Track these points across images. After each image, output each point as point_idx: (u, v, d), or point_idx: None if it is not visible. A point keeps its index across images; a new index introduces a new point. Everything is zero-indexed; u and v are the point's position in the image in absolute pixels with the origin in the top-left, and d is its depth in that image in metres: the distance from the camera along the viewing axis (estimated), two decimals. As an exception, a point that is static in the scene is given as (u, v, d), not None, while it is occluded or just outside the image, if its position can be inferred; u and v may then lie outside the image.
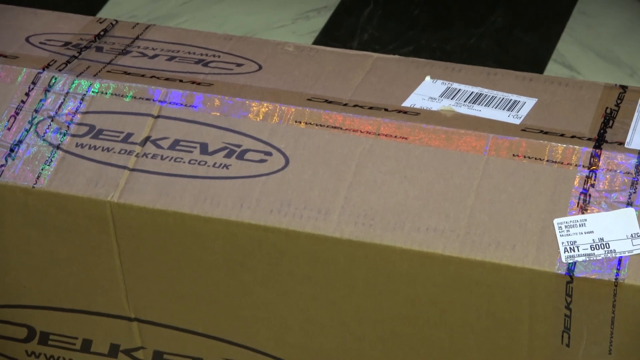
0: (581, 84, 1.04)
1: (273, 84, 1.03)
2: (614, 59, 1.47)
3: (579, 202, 0.94)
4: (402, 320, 0.96)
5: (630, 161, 0.95)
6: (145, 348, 1.04)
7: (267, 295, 0.98)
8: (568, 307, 0.92)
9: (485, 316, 0.94)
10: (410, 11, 1.54)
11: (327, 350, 1.00)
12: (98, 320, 1.03)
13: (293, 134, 0.99)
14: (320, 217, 0.95)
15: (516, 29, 1.51)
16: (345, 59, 1.07)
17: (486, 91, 1.03)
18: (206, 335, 1.02)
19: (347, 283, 0.96)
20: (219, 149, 0.99)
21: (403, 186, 0.96)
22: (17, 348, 1.07)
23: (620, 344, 0.93)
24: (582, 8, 1.53)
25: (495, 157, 0.96)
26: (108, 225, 0.98)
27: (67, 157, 1.00)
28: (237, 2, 1.56)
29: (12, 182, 0.99)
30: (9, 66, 1.04)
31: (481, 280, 0.93)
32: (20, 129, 1.01)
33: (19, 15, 1.13)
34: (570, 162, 0.95)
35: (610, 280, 0.91)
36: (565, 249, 0.92)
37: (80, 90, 1.02)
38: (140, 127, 1.00)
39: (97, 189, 0.98)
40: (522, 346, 0.95)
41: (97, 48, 1.08)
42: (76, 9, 1.54)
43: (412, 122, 0.98)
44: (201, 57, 1.07)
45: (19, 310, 1.05)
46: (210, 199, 0.97)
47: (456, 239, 0.93)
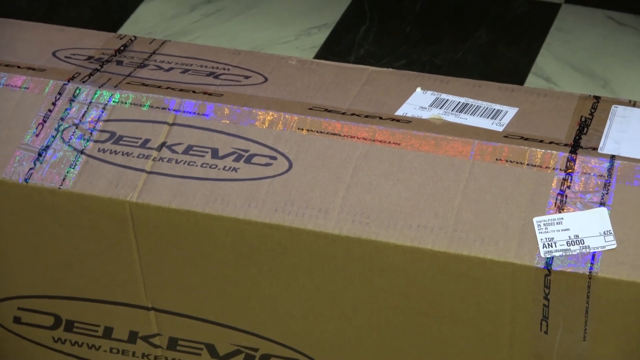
0: (558, 94, 1.04)
1: (278, 94, 1.03)
2: (588, 71, 1.47)
3: (556, 202, 0.93)
4: (396, 310, 0.96)
5: (603, 165, 0.95)
6: (161, 335, 1.04)
7: (272, 287, 0.98)
8: (546, 297, 0.92)
9: (471, 306, 0.94)
10: (403, 28, 1.54)
11: (327, 337, 1.00)
12: (118, 310, 1.03)
13: (296, 140, 0.99)
14: (320, 215, 0.95)
15: (499, 44, 1.51)
16: (344, 72, 1.06)
17: (472, 101, 1.02)
18: (216, 323, 1.02)
19: (345, 276, 0.96)
20: (228, 153, 0.99)
21: (396, 188, 0.95)
22: (44, 334, 1.07)
23: (593, 332, 0.92)
24: (559, 25, 1.53)
25: (480, 161, 0.96)
26: (127, 223, 0.98)
27: (90, 161, 1.00)
28: (245, 20, 1.56)
29: (40, 183, 0.99)
30: (37, 78, 1.04)
31: (467, 273, 0.93)
32: (47, 135, 1.01)
33: (46, 32, 1.13)
34: (549, 165, 0.95)
35: (584, 274, 0.91)
36: (544, 245, 0.92)
37: (102, 100, 1.02)
38: (156, 134, 1.00)
39: (118, 190, 0.98)
40: (505, 333, 0.95)
41: (117, 62, 1.08)
42: (98, 26, 1.54)
43: (404, 129, 0.98)
44: (212, 70, 1.07)
45: (47, 300, 1.05)
46: (221, 199, 0.96)
47: (444, 235, 0.93)
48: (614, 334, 0.92)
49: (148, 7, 1.59)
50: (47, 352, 1.08)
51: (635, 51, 1.49)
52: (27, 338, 1.08)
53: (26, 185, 0.99)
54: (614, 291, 0.90)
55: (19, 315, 1.06)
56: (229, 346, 1.03)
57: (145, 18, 1.57)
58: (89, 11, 1.58)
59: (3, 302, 1.06)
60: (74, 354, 1.07)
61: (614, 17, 1.54)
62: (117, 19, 1.57)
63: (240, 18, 1.57)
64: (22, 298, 1.05)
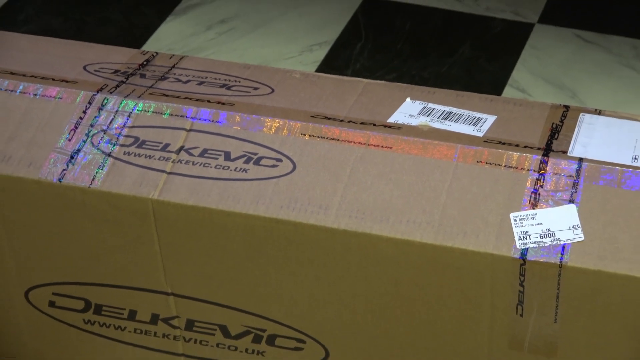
0: (532, 104, 1.04)
1: (283, 104, 1.03)
2: (559, 83, 1.47)
3: (530, 199, 0.93)
4: (388, 296, 0.96)
5: (572, 166, 0.95)
6: (179, 317, 1.03)
7: (278, 275, 0.98)
8: (521, 284, 0.92)
9: (455, 292, 0.94)
10: (394, 45, 1.54)
11: (326, 320, 0.99)
12: (141, 295, 1.03)
13: (299, 144, 0.98)
14: (321, 211, 0.95)
15: (480, 59, 1.51)
16: (342, 84, 1.06)
17: (455, 110, 1.02)
18: (229, 307, 1.01)
19: (343, 265, 0.96)
20: (239, 156, 0.98)
21: (388, 187, 0.95)
22: (76, 317, 1.07)
23: (563, 315, 0.92)
24: (532, 43, 1.53)
25: (462, 163, 0.96)
26: (149, 218, 0.98)
27: (116, 163, 0.99)
28: (254, 38, 1.56)
29: (72, 183, 0.99)
30: (70, 89, 1.04)
31: (451, 263, 0.93)
32: (78, 140, 1.01)
33: (77, 48, 1.13)
34: (524, 167, 0.95)
35: (555, 263, 0.90)
36: (519, 238, 0.92)
37: (127, 109, 1.02)
38: (175, 139, 1.00)
39: (141, 189, 0.98)
40: (485, 316, 0.95)
41: (140, 75, 1.08)
42: (124, 43, 1.53)
43: (395, 135, 0.98)
44: (225, 82, 1.07)
45: (78, 286, 1.04)
46: (232, 197, 0.96)
47: (431, 229, 0.93)
48: (582, 316, 0.92)
49: (168, 27, 1.58)
50: (78, 332, 1.08)
51: (600, 65, 1.49)
52: (61, 320, 1.07)
53: (60, 185, 0.99)
54: (582, 279, 0.90)
55: (54, 300, 1.06)
56: (240, 327, 1.02)
57: (165, 36, 1.57)
58: (116, 30, 1.58)
59: (39, 288, 1.06)
60: (102, 334, 1.07)
61: (582, 36, 1.54)
62: (141, 37, 1.57)
63: (250, 36, 1.57)
64: (56, 284, 1.05)
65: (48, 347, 1.10)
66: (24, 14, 1.61)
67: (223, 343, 1.04)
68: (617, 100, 1.44)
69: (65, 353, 1.10)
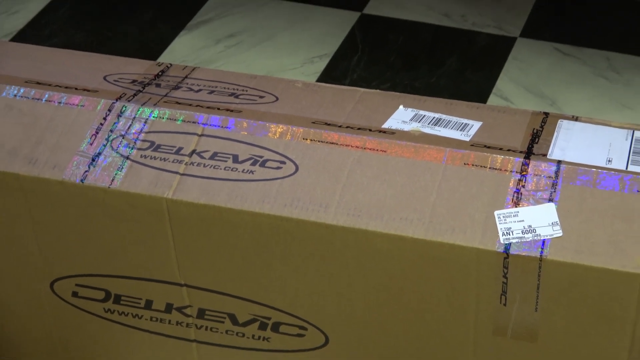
0: (514, 111, 1.04)
1: (286, 111, 1.03)
2: (539, 92, 1.47)
3: (513, 198, 0.93)
4: (383, 287, 0.96)
5: (551, 168, 0.94)
6: (192, 306, 1.03)
7: (282, 268, 0.98)
8: (505, 276, 0.92)
9: (444, 284, 0.94)
10: (388, 58, 1.54)
11: (326, 309, 0.99)
12: (157, 286, 1.03)
13: (301, 148, 0.98)
14: (321, 210, 0.95)
15: (466, 70, 1.51)
16: (340, 93, 1.06)
17: (444, 116, 1.02)
18: (237, 297, 1.01)
19: (341, 259, 0.96)
20: (246, 159, 0.98)
21: (383, 187, 0.95)
22: (97, 306, 1.06)
23: (544, 304, 0.92)
24: (515, 55, 1.53)
25: (451, 165, 0.96)
26: (164, 216, 0.98)
27: (134, 165, 0.99)
28: (260, 50, 1.56)
29: (93, 183, 0.99)
30: (91, 98, 1.04)
31: (441, 257, 0.93)
32: (99, 144, 1.01)
33: (98, 60, 1.13)
34: (507, 169, 0.95)
35: (536, 257, 0.90)
36: (503, 233, 0.91)
37: (144, 116, 1.02)
38: (188, 143, 1.00)
39: (156, 189, 0.98)
40: (471, 306, 0.94)
41: (156, 84, 1.07)
42: (141, 56, 1.53)
43: (389, 139, 0.98)
44: (233, 91, 1.07)
45: (99, 278, 1.04)
46: (240, 196, 0.96)
47: (422, 226, 0.93)
48: (561, 306, 0.92)
49: (181, 41, 1.58)
50: (99, 320, 1.07)
51: (576, 76, 1.49)
52: (83, 309, 1.07)
53: (82, 185, 0.99)
54: (560, 271, 0.90)
55: (76, 290, 1.06)
56: (247, 315, 1.02)
57: (179, 49, 1.57)
58: (133, 44, 1.58)
59: (63, 279, 1.06)
60: (120, 321, 1.07)
61: (560, 49, 1.54)
62: (156, 50, 1.57)
63: (256, 49, 1.57)
64: (78, 276, 1.05)
65: (71, 333, 1.10)
66: (49, 29, 1.61)
67: (232, 330, 1.04)
68: (592, 108, 1.44)
69: (87, 339, 1.10)
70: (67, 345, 1.11)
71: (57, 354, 1.12)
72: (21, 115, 1.03)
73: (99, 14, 1.64)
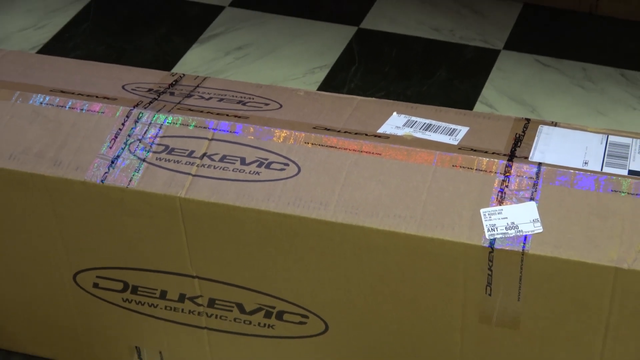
0: (498, 117, 1.03)
1: (289, 117, 1.03)
2: (521, 100, 1.47)
3: (497, 197, 0.93)
4: (378, 279, 0.96)
5: (532, 170, 0.94)
6: (202, 296, 1.03)
7: (285, 261, 0.98)
8: (490, 269, 0.92)
9: (434, 276, 0.94)
10: (383, 68, 1.54)
11: (326, 299, 0.99)
12: (171, 278, 1.03)
13: (303, 151, 0.98)
14: (321, 207, 0.95)
15: (455, 80, 1.51)
16: (339, 100, 1.06)
17: (434, 122, 1.02)
18: (244, 288, 1.01)
19: (340, 254, 0.95)
20: (253, 161, 0.98)
21: (378, 187, 0.95)
22: (116, 296, 1.06)
23: (525, 295, 0.92)
24: (499, 66, 1.53)
25: (440, 167, 0.95)
26: (177, 213, 0.98)
27: (150, 167, 0.99)
28: (265, 62, 1.56)
29: (112, 184, 0.99)
30: (111, 105, 1.04)
31: (431, 251, 0.92)
32: (118, 147, 1.01)
33: (117, 71, 1.13)
34: (492, 170, 0.95)
35: (518, 251, 0.90)
36: (488, 230, 0.91)
37: (159, 122, 1.02)
38: (199, 147, 1.00)
39: (170, 189, 0.97)
40: (459, 296, 0.94)
41: (170, 93, 1.07)
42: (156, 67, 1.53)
43: (384, 143, 0.98)
44: (241, 99, 1.06)
45: (118, 270, 1.04)
46: (247, 195, 0.96)
47: (414, 222, 0.93)
48: (541, 296, 0.92)
49: (194, 53, 1.58)
50: (117, 309, 1.07)
51: (555, 85, 1.49)
52: (103, 299, 1.07)
53: (102, 185, 0.99)
54: (541, 264, 0.90)
55: (97, 282, 1.06)
56: (253, 304, 1.02)
57: (191, 61, 1.57)
58: (150, 56, 1.58)
59: (85, 272, 1.06)
60: (137, 310, 1.07)
61: (540, 60, 1.54)
62: (171, 62, 1.57)
63: (262, 60, 1.56)
64: (99, 269, 1.05)
65: (92, 321, 1.10)
66: (72, 42, 1.61)
67: (239, 318, 1.04)
68: (569, 114, 1.43)
69: (107, 326, 1.09)
70: (88, 331, 1.11)
71: (79, 339, 1.12)
72: (47, 121, 1.03)
73: (118, 28, 1.64)
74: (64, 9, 1.68)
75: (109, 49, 1.59)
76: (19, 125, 1.03)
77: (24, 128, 1.03)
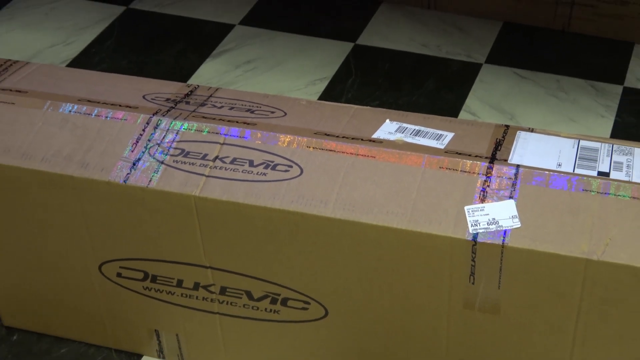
0: (481, 124, 1.03)
1: (293, 124, 1.02)
2: (501, 109, 1.46)
3: (480, 196, 0.93)
4: (372, 269, 0.96)
5: (511, 171, 0.94)
6: (215, 284, 1.03)
7: (289, 253, 0.98)
8: (473, 260, 0.91)
9: (423, 267, 0.94)
10: (377, 80, 1.53)
11: (325, 287, 0.99)
12: (186, 268, 1.02)
13: (305, 154, 0.98)
14: (322, 205, 0.94)
15: (441, 91, 1.51)
16: (337, 109, 1.06)
17: (423, 128, 1.02)
18: (252, 277, 1.01)
19: (337, 247, 0.95)
20: (260, 163, 0.98)
21: (372, 187, 0.95)
22: (137, 284, 1.06)
23: (505, 283, 0.92)
24: (481, 78, 1.53)
25: (428, 168, 0.95)
26: (192, 211, 0.98)
27: (167, 168, 0.99)
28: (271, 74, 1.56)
29: (134, 184, 0.98)
30: (132, 113, 1.03)
31: (420, 244, 0.92)
32: (139, 151, 1.00)
33: (138, 82, 1.12)
34: (475, 171, 0.94)
35: (499, 244, 0.90)
36: (472, 225, 0.91)
37: (175, 128, 1.02)
38: (212, 150, 1.00)
39: (186, 188, 0.97)
40: (445, 284, 0.94)
41: (186, 102, 1.07)
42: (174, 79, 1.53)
43: (378, 147, 0.98)
44: (249, 107, 1.06)
45: (139, 261, 1.04)
46: (255, 194, 0.96)
47: (405, 218, 0.92)
48: (519, 284, 0.92)
49: (207, 66, 1.58)
50: (138, 296, 1.07)
51: (531, 95, 1.49)
52: (126, 287, 1.07)
53: (125, 185, 0.99)
54: (519, 256, 0.90)
55: (120, 272, 1.06)
56: (261, 292, 1.02)
57: (205, 73, 1.57)
58: (167, 68, 1.58)
59: (110, 262, 1.05)
60: (157, 297, 1.07)
61: (518, 73, 1.53)
62: (186, 74, 1.57)
63: (269, 73, 1.56)
64: (122, 260, 1.05)
65: (116, 306, 1.09)
66: (98, 56, 1.61)
67: (248, 304, 1.03)
68: (544, 121, 1.43)
69: (129, 311, 1.09)
70: (112, 316, 1.11)
71: (103, 323, 1.12)
72: (75, 127, 1.03)
73: (139, 45, 1.64)
74: (91, 27, 1.67)
75: (130, 63, 1.59)
76: (50, 132, 1.03)
77: (55, 134, 1.03)
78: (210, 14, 1.69)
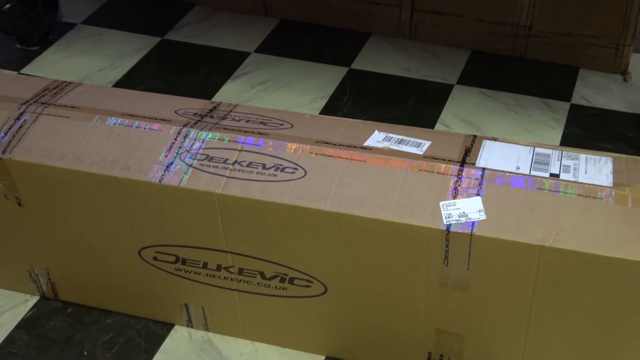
0: (453, 134, 1.03)
1: (298, 134, 1.02)
2: (469, 121, 1.46)
3: (452, 193, 0.93)
4: (364, 254, 0.95)
5: (478, 173, 0.94)
6: (234, 266, 1.03)
7: (295, 241, 0.97)
8: (447, 246, 0.91)
9: (405, 252, 0.93)
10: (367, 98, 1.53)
11: (326, 269, 0.99)
12: (210, 253, 1.02)
13: (309, 159, 0.98)
14: (322, 201, 0.94)
15: (421, 107, 1.50)
16: (335, 122, 1.06)
17: (405, 138, 1.02)
18: (265, 260, 1.01)
19: (335, 236, 0.95)
20: (271, 166, 0.98)
21: (364, 186, 0.95)
22: (170, 266, 1.06)
23: (473, 265, 0.92)
24: (453, 96, 1.53)
25: (410, 171, 0.95)
26: (215, 206, 0.97)
27: (195, 171, 0.99)
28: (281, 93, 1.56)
29: (167, 183, 0.98)
30: (166, 125, 1.03)
31: (404, 233, 0.92)
32: (171, 156, 1.00)
33: (171, 99, 1.12)
34: (448, 173, 0.94)
35: (468, 233, 0.90)
36: (446, 217, 0.91)
37: (202, 137, 1.01)
38: (232, 156, 0.99)
39: (210, 187, 0.97)
40: (424, 266, 0.94)
41: (210, 116, 1.07)
42: (200, 96, 1.53)
43: (368, 153, 0.97)
44: (262, 120, 1.06)
45: (171, 247, 1.04)
46: (267, 192, 0.96)
47: (391, 212, 0.92)
48: (484, 266, 0.91)
49: (228, 87, 1.58)
50: (171, 276, 1.07)
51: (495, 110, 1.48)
52: (161, 268, 1.07)
53: (160, 184, 0.98)
54: (484, 243, 0.90)
55: (156, 256, 1.06)
56: (272, 272, 1.02)
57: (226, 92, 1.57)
58: (195, 88, 1.58)
59: (147, 248, 1.05)
60: (186, 277, 1.06)
61: (483, 92, 1.53)
62: (211, 93, 1.56)
63: (278, 92, 1.56)
64: (157, 246, 1.05)
65: (153, 285, 1.09)
66: (138, 78, 1.61)
67: (261, 282, 1.03)
68: (506, 132, 1.43)
69: (163, 289, 1.09)
70: (150, 292, 1.11)
71: (142, 298, 1.12)
72: (119, 137, 1.03)
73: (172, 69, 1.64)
74: (133, 54, 1.67)
75: (165, 84, 1.59)
76: (98, 141, 1.03)
77: (102, 142, 1.03)
78: (230, 44, 1.69)
